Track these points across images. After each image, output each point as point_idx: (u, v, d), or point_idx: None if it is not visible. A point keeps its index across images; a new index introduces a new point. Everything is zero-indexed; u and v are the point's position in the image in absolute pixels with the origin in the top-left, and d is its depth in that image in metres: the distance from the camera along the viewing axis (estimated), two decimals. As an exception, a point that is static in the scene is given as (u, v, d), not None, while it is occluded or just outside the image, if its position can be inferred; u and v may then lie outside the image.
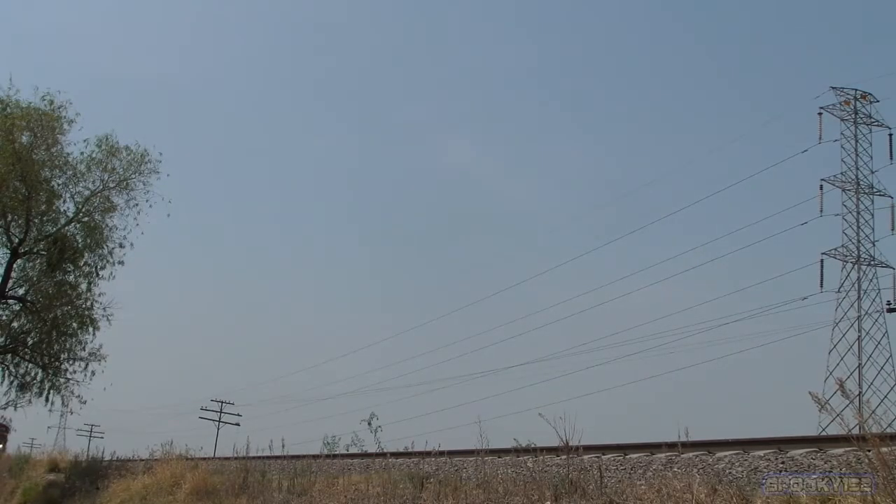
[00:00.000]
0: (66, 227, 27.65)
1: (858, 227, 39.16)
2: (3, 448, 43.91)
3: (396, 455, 14.30)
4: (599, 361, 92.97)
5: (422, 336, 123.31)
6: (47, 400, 28.19)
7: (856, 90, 41.24)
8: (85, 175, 27.15)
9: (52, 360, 27.99)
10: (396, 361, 75.44)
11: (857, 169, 40.03)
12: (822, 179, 39.00)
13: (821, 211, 38.24)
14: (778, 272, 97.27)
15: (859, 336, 37.59)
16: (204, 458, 21.44)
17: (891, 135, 40.67)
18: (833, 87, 41.03)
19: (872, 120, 41.13)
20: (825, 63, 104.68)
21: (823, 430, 23.55)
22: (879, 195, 40.01)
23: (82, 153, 26.91)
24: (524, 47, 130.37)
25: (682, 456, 9.10)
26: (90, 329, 27.94)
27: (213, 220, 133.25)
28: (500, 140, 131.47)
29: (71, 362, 28.14)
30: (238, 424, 54.33)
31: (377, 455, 14.27)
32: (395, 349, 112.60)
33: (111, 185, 27.38)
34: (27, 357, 28.14)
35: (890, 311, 37.78)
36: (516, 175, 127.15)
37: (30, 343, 28.25)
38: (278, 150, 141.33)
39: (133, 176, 27.41)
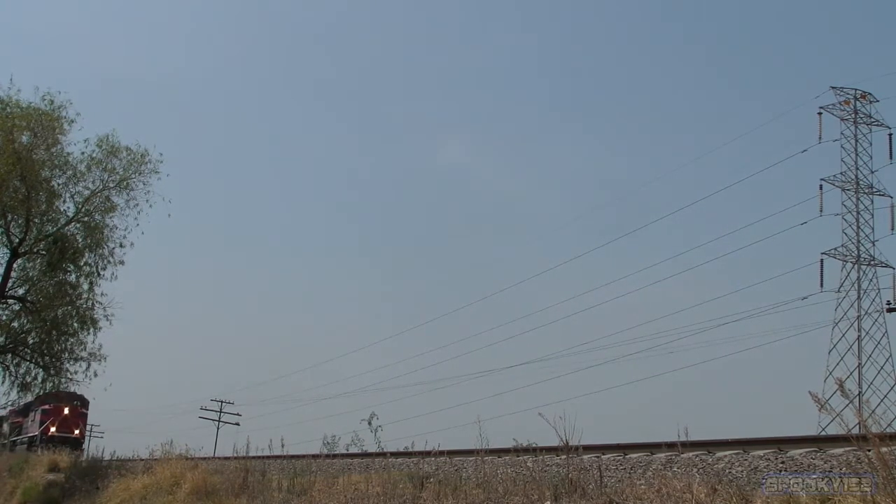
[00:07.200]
0: (67, 227, 27.60)
1: (858, 227, 39.21)
2: (81, 432, 39.53)
3: (396, 455, 14.31)
4: (599, 361, 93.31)
5: (421, 336, 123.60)
6: (48, 400, 28.30)
7: (856, 90, 41.29)
8: (85, 175, 27.10)
9: (53, 360, 28.00)
10: (396, 361, 75.61)
11: (857, 169, 40.08)
12: (822, 179, 39.17)
13: (821, 211, 38.38)
14: (778, 272, 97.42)
15: (859, 336, 37.63)
16: (204, 458, 21.42)
17: (891, 135, 40.79)
18: (833, 87, 41.14)
19: (872, 120, 41.18)
20: (825, 63, 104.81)
21: (823, 430, 23.62)
22: (879, 195, 40.12)
23: (82, 153, 26.87)
24: (524, 46, 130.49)
25: (682, 456, 9.12)
26: (90, 329, 27.98)
27: (213, 221, 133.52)
28: (499, 139, 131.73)
29: (72, 362, 28.18)
30: (238, 424, 54.61)
31: (377, 455, 14.27)
32: (394, 349, 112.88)
33: (111, 184, 27.32)
34: (27, 357, 28.14)
35: (890, 310, 37.80)
36: (516, 175, 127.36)
37: (30, 343, 28.26)
38: (278, 150, 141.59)
39: (133, 176, 27.35)
